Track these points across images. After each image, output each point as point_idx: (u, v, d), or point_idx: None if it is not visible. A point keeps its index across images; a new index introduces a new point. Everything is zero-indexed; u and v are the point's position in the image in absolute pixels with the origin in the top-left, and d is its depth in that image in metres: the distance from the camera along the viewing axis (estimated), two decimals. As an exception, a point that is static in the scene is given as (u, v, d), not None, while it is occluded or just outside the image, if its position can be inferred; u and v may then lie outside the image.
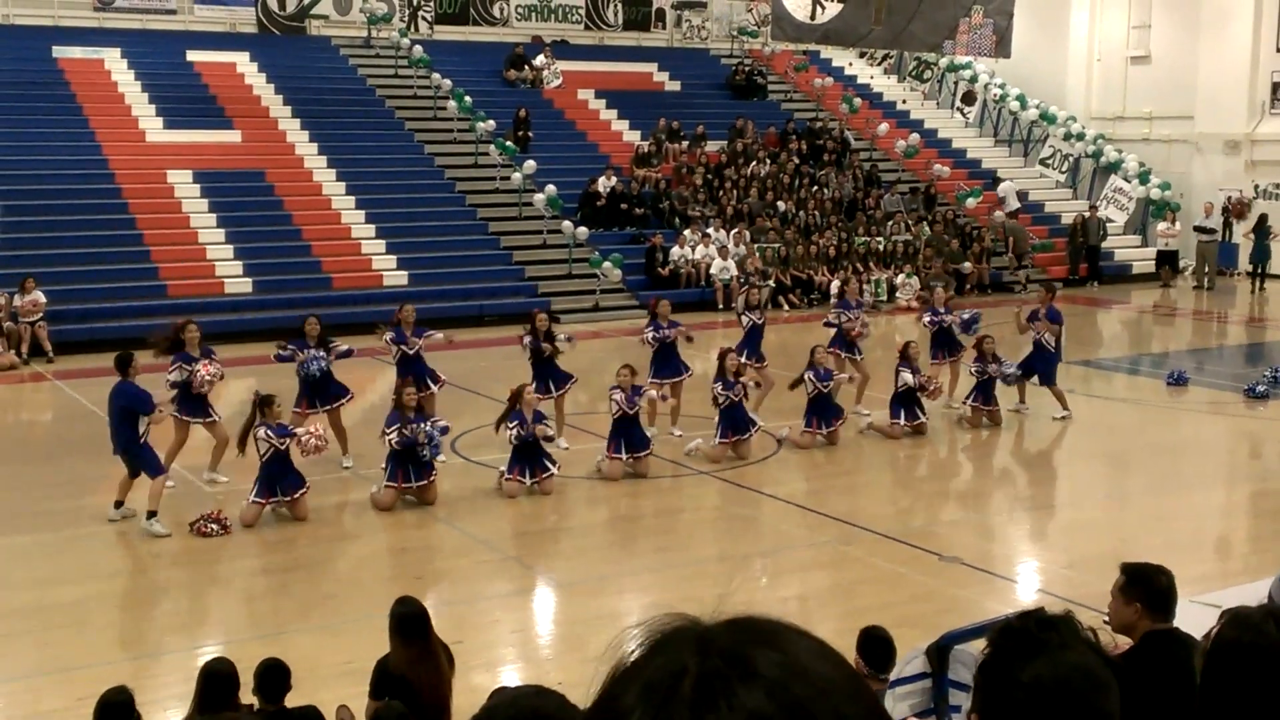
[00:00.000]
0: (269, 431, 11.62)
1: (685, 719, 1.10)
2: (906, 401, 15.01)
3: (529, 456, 12.51)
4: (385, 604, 7.07)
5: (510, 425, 12.43)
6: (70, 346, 19.67)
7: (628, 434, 13.19)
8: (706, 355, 17.90)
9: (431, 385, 13.99)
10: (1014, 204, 29.41)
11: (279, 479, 11.68)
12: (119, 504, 11.63)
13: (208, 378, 12.55)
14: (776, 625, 1.19)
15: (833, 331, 16.29)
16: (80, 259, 21.69)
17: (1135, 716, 2.05)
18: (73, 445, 14.28)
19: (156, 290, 21.66)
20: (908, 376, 14.85)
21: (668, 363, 14.79)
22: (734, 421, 13.84)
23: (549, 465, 12.60)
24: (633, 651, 1.19)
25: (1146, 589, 4.53)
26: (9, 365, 19.16)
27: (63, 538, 11.30)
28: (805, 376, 14.40)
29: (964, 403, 15.69)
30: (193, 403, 12.64)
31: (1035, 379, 15.84)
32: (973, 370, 15.55)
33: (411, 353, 14.06)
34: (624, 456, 13.12)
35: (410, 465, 12.04)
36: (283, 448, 11.64)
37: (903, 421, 14.94)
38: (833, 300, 16.87)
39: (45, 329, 19.78)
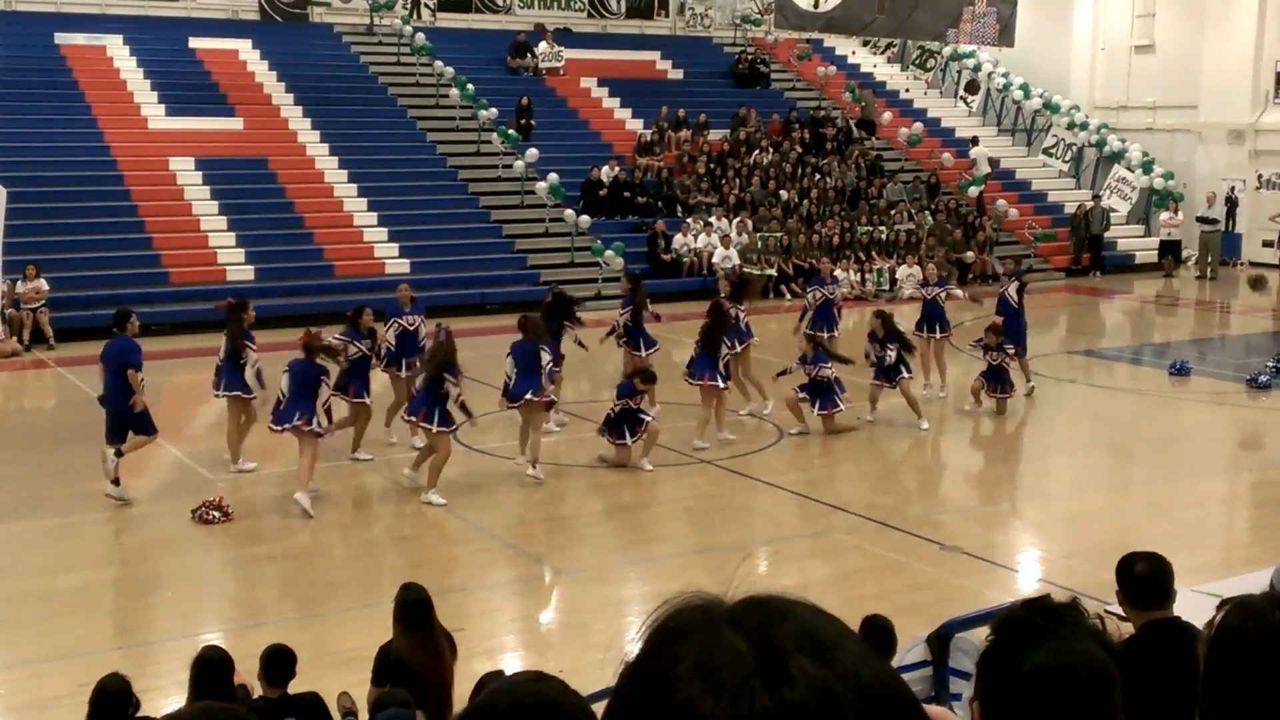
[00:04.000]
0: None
1: (765, 700, 1.09)
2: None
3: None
4: (387, 591, 7.08)
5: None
6: (72, 333, 19.67)
7: (631, 420, 13.23)
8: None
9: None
10: (985, 169, 29.32)
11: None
12: (115, 482, 11.67)
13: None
14: (795, 603, 1.19)
15: (809, 314, 16.26)
16: (82, 246, 21.68)
17: (1133, 706, 2.05)
18: (74, 432, 14.28)
19: (159, 277, 21.66)
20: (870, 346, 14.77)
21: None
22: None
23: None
24: (662, 636, 1.17)
25: (1122, 578, 4.53)
26: (11, 352, 19.18)
27: (65, 524, 11.32)
28: (790, 368, 14.42)
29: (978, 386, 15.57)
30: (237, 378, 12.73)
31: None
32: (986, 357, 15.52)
33: (411, 329, 13.98)
34: (628, 441, 13.15)
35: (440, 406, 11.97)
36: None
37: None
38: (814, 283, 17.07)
39: (47, 316, 19.80)
